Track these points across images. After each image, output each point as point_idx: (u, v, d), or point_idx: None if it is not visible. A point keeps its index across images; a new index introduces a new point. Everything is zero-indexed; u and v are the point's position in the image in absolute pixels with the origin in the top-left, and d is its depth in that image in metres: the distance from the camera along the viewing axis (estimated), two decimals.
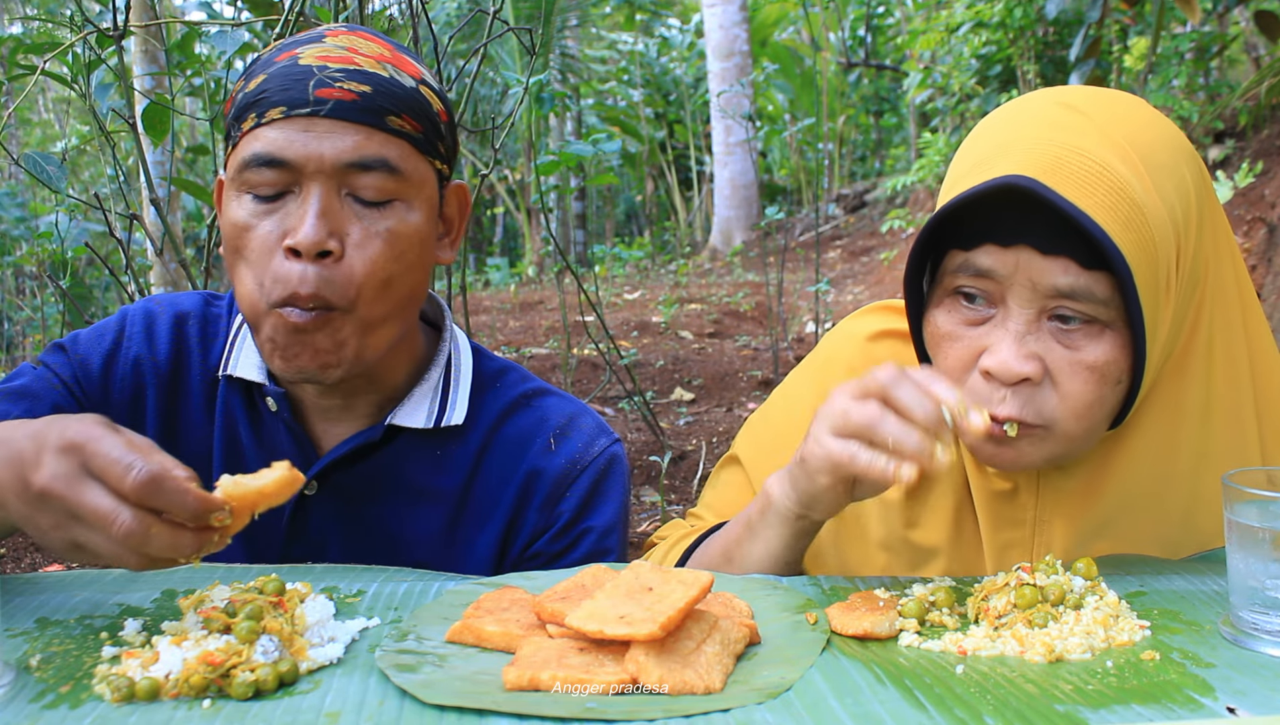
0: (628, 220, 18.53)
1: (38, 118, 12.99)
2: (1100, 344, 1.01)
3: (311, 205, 1.07)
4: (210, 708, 0.78)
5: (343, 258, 1.08)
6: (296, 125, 1.07)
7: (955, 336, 1.06)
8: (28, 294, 7.06)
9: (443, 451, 1.24)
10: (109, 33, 2.18)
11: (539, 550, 1.24)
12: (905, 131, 14.24)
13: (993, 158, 1.03)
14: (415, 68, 1.16)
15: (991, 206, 1.01)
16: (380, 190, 1.10)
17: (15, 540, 3.43)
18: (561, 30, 12.64)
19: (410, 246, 1.12)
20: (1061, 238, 0.99)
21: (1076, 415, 1.03)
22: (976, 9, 7.69)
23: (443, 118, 1.17)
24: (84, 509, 0.84)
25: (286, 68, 1.09)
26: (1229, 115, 5.80)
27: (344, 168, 1.08)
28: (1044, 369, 1.02)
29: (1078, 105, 1.04)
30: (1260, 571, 0.89)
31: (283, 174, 1.08)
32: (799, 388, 1.33)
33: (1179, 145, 1.05)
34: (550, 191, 3.62)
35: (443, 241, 1.23)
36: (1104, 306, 1.00)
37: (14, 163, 2.21)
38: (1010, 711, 0.77)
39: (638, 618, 0.81)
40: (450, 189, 1.22)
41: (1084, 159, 0.99)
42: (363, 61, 1.10)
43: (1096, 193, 0.97)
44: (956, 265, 1.05)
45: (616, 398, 5.05)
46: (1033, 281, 1.01)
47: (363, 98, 1.08)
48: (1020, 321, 1.02)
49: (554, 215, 5.90)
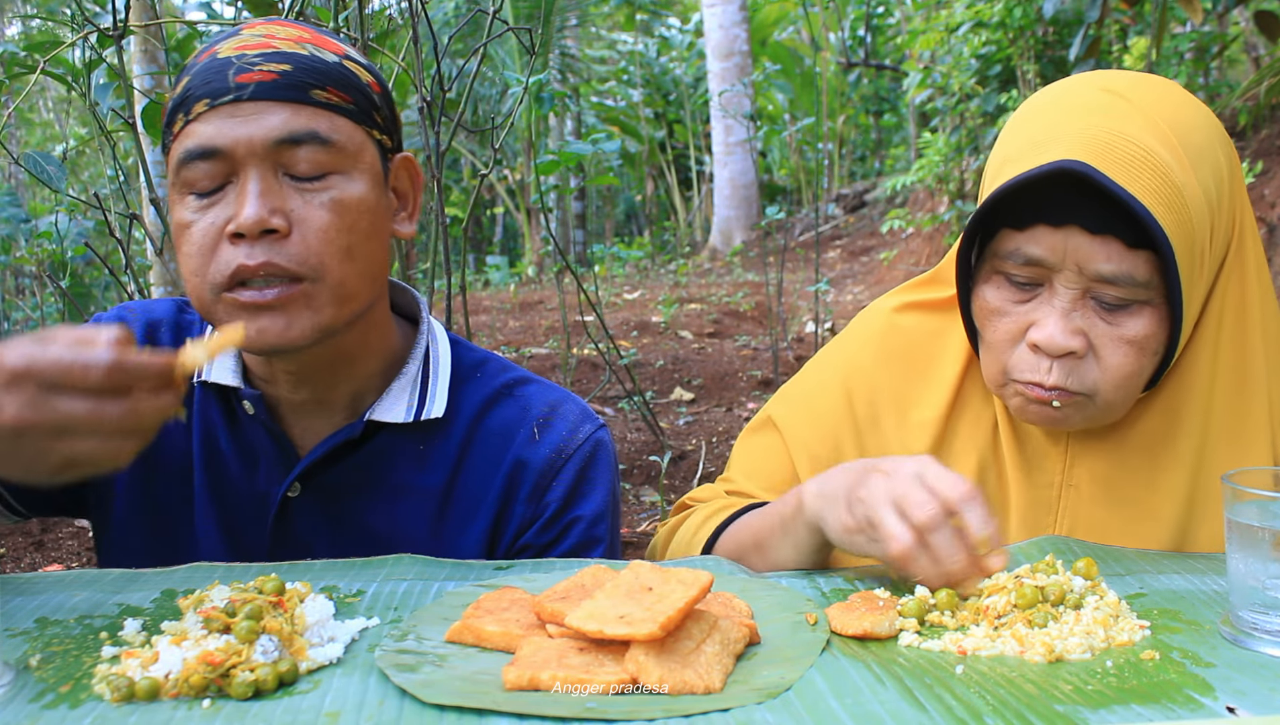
0: (628, 220, 18.53)
1: (39, 118, 13.00)
2: (1140, 319, 1.09)
3: (250, 188, 1.07)
4: (210, 708, 0.78)
5: (290, 233, 1.07)
6: (222, 114, 1.07)
7: (1003, 311, 1.14)
8: (27, 294, 7.06)
9: (425, 446, 1.23)
10: (109, 33, 2.18)
11: (528, 542, 1.23)
12: (905, 131, 14.24)
13: (1044, 141, 1.09)
14: (337, 46, 1.16)
15: (1044, 188, 1.07)
16: (314, 163, 1.09)
17: (15, 540, 3.43)
18: (561, 30, 12.64)
19: (359, 215, 1.11)
20: (1109, 219, 1.05)
21: (1117, 385, 1.10)
22: (976, 9, 7.69)
23: (375, 89, 1.16)
24: (67, 422, 0.86)
25: (207, 64, 1.10)
26: (1229, 115, 5.80)
27: (274, 146, 1.07)
28: (1087, 343, 1.10)
29: (1120, 90, 1.11)
30: (1260, 571, 0.90)
31: (217, 164, 1.08)
32: (832, 356, 1.37)
33: (1213, 127, 1.13)
34: (550, 191, 3.62)
35: (400, 216, 1.22)
36: (1142, 288, 1.07)
37: (14, 162, 2.21)
38: (1010, 711, 0.77)
39: (638, 618, 0.81)
40: (397, 162, 1.21)
41: (1129, 144, 1.05)
42: (280, 44, 1.11)
43: (1142, 176, 1.04)
44: (1009, 250, 1.11)
45: (616, 398, 5.05)
46: (1079, 266, 1.08)
47: (283, 76, 1.09)
48: (1066, 299, 1.09)
49: (554, 215, 5.89)
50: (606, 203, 17.09)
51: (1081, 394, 1.11)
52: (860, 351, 1.32)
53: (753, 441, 1.38)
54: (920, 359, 1.28)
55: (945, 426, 1.26)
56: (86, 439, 0.87)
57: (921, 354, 1.28)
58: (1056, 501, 1.22)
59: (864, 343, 1.33)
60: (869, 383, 1.29)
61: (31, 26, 6.50)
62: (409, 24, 2.37)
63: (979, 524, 0.96)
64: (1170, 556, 1.16)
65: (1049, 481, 1.22)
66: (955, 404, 1.26)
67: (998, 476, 1.25)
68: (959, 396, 1.26)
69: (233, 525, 1.23)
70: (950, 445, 1.26)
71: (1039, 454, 1.23)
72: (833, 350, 1.37)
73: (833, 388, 1.31)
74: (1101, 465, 1.21)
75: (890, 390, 1.29)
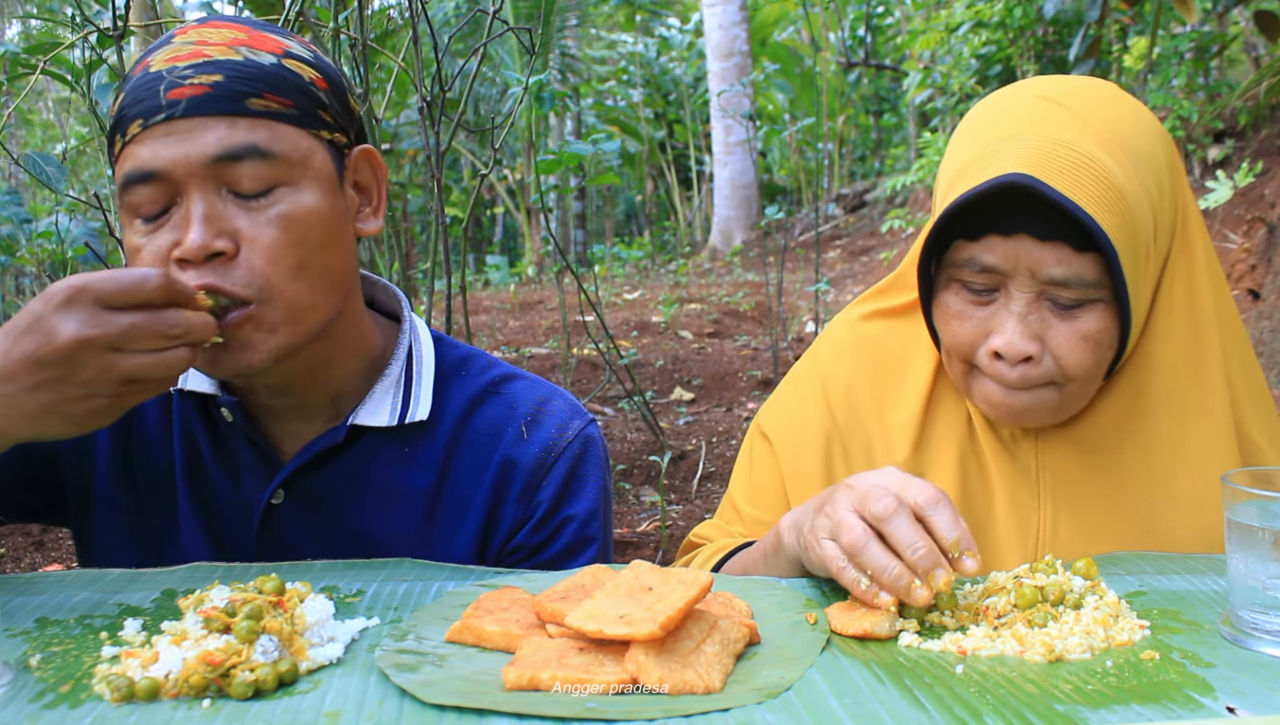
0: (628, 220, 18.54)
1: (39, 118, 12.99)
2: (1093, 316, 1.13)
3: (194, 211, 1.03)
4: (210, 708, 0.78)
5: (237, 255, 1.04)
6: (157, 134, 1.03)
7: (964, 316, 1.18)
8: (28, 294, 7.06)
9: (411, 448, 1.21)
10: (109, 33, 2.18)
11: (520, 543, 1.21)
12: (905, 131, 14.24)
13: (989, 155, 1.13)
14: (276, 43, 1.10)
15: (992, 200, 1.11)
16: (258, 178, 1.05)
17: (15, 540, 3.43)
18: (561, 30, 12.64)
19: (310, 227, 1.07)
20: (1056, 225, 1.09)
21: (1075, 378, 1.15)
22: (976, 9, 7.69)
23: (320, 85, 1.11)
24: (127, 334, 0.91)
25: (139, 80, 1.06)
26: (1229, 115, 5.81)
27: (213, 164, 1.03)
28: (1043, 347, 1.14)
29: (1058, 98, 1.14)
30: (1260, 571, 0.90)
31: (157, 188, 1.04)
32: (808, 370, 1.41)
33: (1151, 126, 1.17)
34: (550, 191, 3.62)
35: (364, 212, 1.18)
36: (1094, 287, 1.12)
37: (14, 163, 2.21)
38: (1010, 711, 0.77)
39: (637, 617, 0.81)
40: (356, 155, 1.16)
41: (1071, 152, 1.09)
42: (212, 51, 1.06)
43: (1084, 183, 1.08)
44: (963, 259, 1.15)
45: (616, 398, 5.05)
46: (1031, 271, 1.12)
47: (215, 88, 1.04)
48: (1021, 303, 1.14)
49: (554, 215, 5.90)
50: (606, 203, 17.09)
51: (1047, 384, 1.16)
52: (834, 363, 1.36)
53: (751, 456, 1.42)
54: (892, 363, 1.33)
55: (923, 424, 1.29)
56: (141, 355, 0.92)
57: (892, 358, 1.33)
58: (1036, 484, 1.25)
59: (836, 354, 1.37)
60: (847, 390, 1.33)
61: (32, 27, 6.50)
62: (409, 24, 2.37)
63: (947, 526, 0.93)
64: (1170, 557, 1.16)
65: (1026, 466, 1.26)
66: (930, 402, 1.30)
67: (979, 465, 1.28)
68: (933, 395, 1.30)
69: (218, 533, 1.21)
70: (930, 442, 1.29)
71: (1013, 442, 1.27)
72: (807, 364, 1.41)
73: (813, 400, 1.35)
74: (1071, 450, 1.25)
75: (868, 395, 1.33)
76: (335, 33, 2.29)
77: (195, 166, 1.03)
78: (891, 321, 1.34)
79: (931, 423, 1.29)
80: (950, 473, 1.27)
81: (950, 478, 1.27)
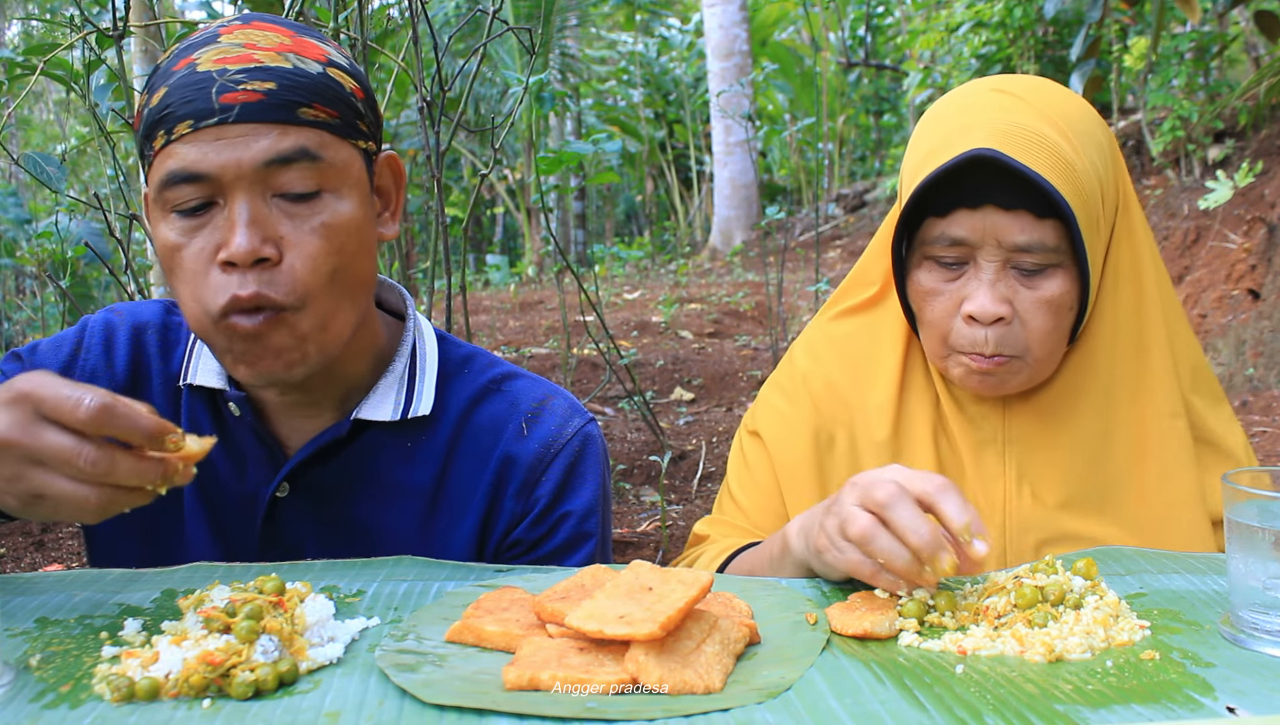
0: (628, 220, 18.53)
1: (39, 119, 12.99)
2: (1054, 281, 1.23)
3: (239, 215, 1.04)
4: (210, 708, 0.78)
5: (281, 261, 1.06)
6: (207, 136, 1.04)
7: (937, 291, 1.27)
8: (28, 294, 7.07)
9: (413, 443, 1.23)
10: (108, 33, 2.18)
11: (518, 538, 1.23)
12: (905, 131, 14.23)
13: (954, 137, 1.23)
14: (319, 49, 1.12)
15: (959, 178, 1.22)
16: (306, 181, 1.07)
17: (15, 540, 3.43)
18: (561, 30, 12.63)
19: (349, 236, 1.10)
20: (1018, 195, 1.20)
21: (1041, 342, 1.25)
22: (976, 9, 7.69)
23: (358, 95, 1.13)
24: (45, 451, 0.86)
25: (186, 77, 1.06)
26: (1229, 115, 5.81)
27: (264, 168, 1.05)
28: (1013, 310, 1.23)
29: (1011, 90, 1.28)
30: (1260, 571, 0.90)
31: (203, 187, 1.05)
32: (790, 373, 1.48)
33: (1091, 114, 1.30)
34: (550, 191, 3.62)
35: (382, 217, 1.20)
36: (1054, 252, 1.22)
37: (14, 163, 2.21)
38: (1010, 711, 0.77)
39: (637, 617, 0.82)
40: (380, 161, 1.19)
41: (1027, 131, 1.21)
42: (262, 56, 1.07)
43: (1041, 156, 1.20)
44: (934, 236, 1.25)
45: (616, 398, 5.05)
46: (998, 239, 1.22)
47: (269, 95, 1.05)
48: (990, 271, 1.24)
49: (554, 215, 5.89)
50: (606, 203, 17.09)
51: (1016, 357, 1.25)
52: (811, 362, 1.45)
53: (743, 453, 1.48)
54: (863, 353, 1.42)
55: (899, 407, 1.38)
56: (55, 477, 0.87)
57: (863, 349, 1.42)
58: (1002, 453, 1.34)
59: (812, 354, 1.46)
60: (826, 383, 1.42)
61: (31, 27, 6.50)
62: (409, 24, 2.37)
63: (956, 512, 0.96)
64: (1170, 556, 1.16)
65: (992, 437, 1.34)
66: (902, 386, 1.38)
67: (948, 440, 1.37)
68: (904, 379, 1.39)
69: (222, 527, 1.23)
70: (907, 422, 1.38)
71: (979, 416, 1.35)
72: (786, 368, 1.49)
73: (797, 396, 1.44)
74: (1032, 417, 1.34)
75: (846, 385, 1.41)
76: (335, 32, 2.29)
77: (246, 170, 1.04)
78: (857, 317, 1.44)
79: (906, 404, 1.38)
80: (926, 448, 1.35)
81: (927, 453, 1.35)
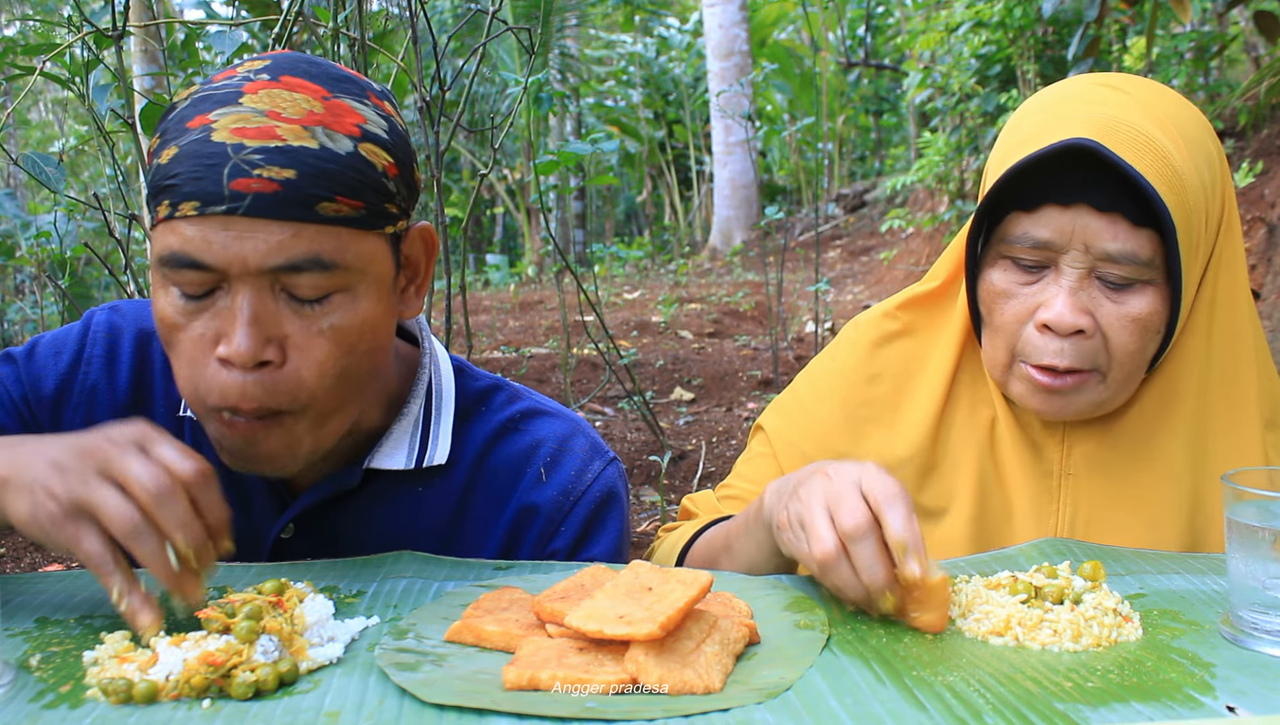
0: (627, 220, 18.53)
1: (38, 119, 12.98)
2: (1143, 298, 1.12)
3: (241, 311, 0.96)
4: (210, 708, 0.78)
5: (285, 363, 0.98)
6: (213, 224, 0.94)
7: (1010, 294, 1.16)
8: (27, 294, 7.06)
9: (425, 488, 1.17)
10: (108, 33, 2.18)
11: None
12: (905, 131, 14.24)
13: (1051, 126, 1.12)
14: (354, 115, 0.99)
15: (1052, 170, 1.11)
16: (315, 287, 0.98)
17: (15, 540, 3.43)
18: (560, 30, 12.64)
19: (361, 336, 1.02)
20: (1115, 197, 1.09)
21: (1123, 363, 1.14)
22: (976, 9, 7.69)
23: (391, 173, 1.01)
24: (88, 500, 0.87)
25: (198, 144, 0.95)
26: (1229, 115, 5.80)
27: (270, 270, 0.96)
28: (1095, 323, 1.12)
29: (1119, 86, 1.17)
30: (1260, 571, 0.90)
31: (206, 275, 0.96)
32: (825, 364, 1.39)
33: (1203, 123, 1.18)
34: (550, 191, 3.62)
35: (406, 293, 1.11)
36: (1145, 267, 1.11)
37: (13, 163, 2.21)
38: (1010, 710, 0.77)
39: (637, 617, 0.81)
40: (412, 233, 1.09)
41: (1132, 129, 1.10)
42: (285, 132, 0.95)
43: (1145, 157, 1.08)
44: (1017, 234, 1.14)
45: (616, 397, 5.05)
46: (1086, 244, 1.11)
47: (286, 187, 0.94)
48: (1072, 278, 1.12)
49: (553, 215, 5.90)
50: (606, 203, 17.09)
51: (1094, 371, 1.14)
52: (851, 356, 1.34)
53: (751, 445, 1.42)
54: (912, 359, 1.31)
55: (939, 423, 1.27)
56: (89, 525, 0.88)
57: (912, 354, 1.31)
58: (1057, 489, 1.23)
59: (854, 349, 1.35)
60: (863, 385, 1.32)
61: (29, 27, 6.49)
62: (408, 24, 2.37)
63: (899, 526, 0.91)
64: (1170, 556, 1.16)
65: (1048, 470, 1.24)
66: (949, 400, 1.28)
67: (995, 469, 1.25)
68: (951, 392, 1.28)
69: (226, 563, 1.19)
70: (946, 441, 1.27)
71: (1038, 443, 1.24)
72: (825, 358, 1.40)
73: (826, 394, 1.34)
74: (1099, 451, 1.22)
75: (884, 391, 1.31)
76: (334, 32, 2.28)
77: (251, 268, 0.95)
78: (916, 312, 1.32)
79: (950, 419, 1.28)
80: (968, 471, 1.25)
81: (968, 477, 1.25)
